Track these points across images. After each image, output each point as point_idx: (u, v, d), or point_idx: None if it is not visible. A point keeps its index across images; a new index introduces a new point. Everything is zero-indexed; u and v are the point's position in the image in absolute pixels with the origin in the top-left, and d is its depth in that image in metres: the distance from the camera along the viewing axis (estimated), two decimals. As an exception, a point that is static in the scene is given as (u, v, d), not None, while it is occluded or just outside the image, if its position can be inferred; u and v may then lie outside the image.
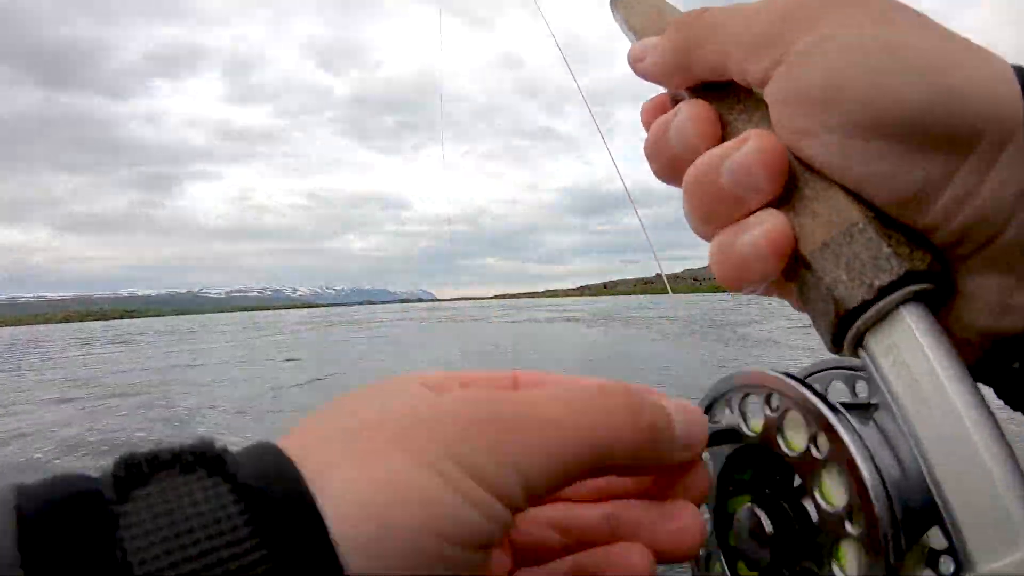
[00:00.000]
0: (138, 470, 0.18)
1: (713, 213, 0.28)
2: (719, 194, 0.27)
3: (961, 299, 0.25)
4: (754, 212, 0.27)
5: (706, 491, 0.29)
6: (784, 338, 15.58)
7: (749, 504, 0.30)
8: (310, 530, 0.18)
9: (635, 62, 0.32)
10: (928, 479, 0.23)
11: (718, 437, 0.30)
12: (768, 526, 0.28)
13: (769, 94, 0.27)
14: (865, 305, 0.24)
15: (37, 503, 0.17)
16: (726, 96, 0.30)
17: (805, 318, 0.29)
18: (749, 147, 0.26)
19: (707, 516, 0.32)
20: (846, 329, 0.25)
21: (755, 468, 0.32)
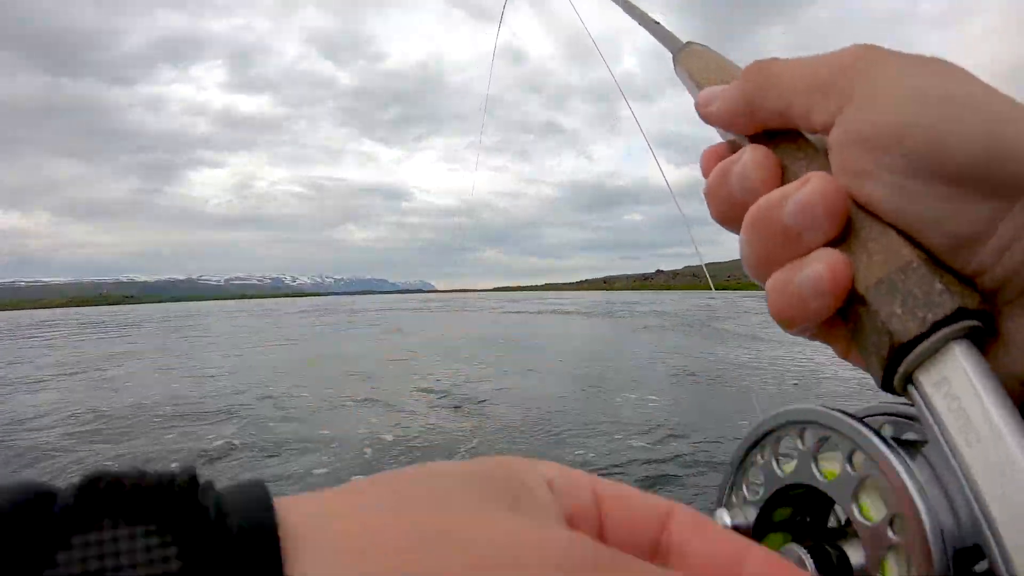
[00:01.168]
0: (89, 508, 0.16)
1: (772, 252, 0.29)
2: (780, 232, 0.28)
3: (1002, 343, 0.26)
4: (812, 252, 0.28)
5: None
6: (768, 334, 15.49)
7: (791, 545, 0.30)
8: None
9: (703, 107, 0.34)
10: (978, 510, 0.23)
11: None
12: (810, 566, 0.28)
13: (832, 137, 0.28)
14: (918, 339, 0.25)
15: None
16: (787, 143, 0.31)
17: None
18: (811, 186, 0.27)
19: None
20: (897, 364, 0.26)
21: (794, 506, 0.32)
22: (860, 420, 0.28)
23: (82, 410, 8.05)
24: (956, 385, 0.25)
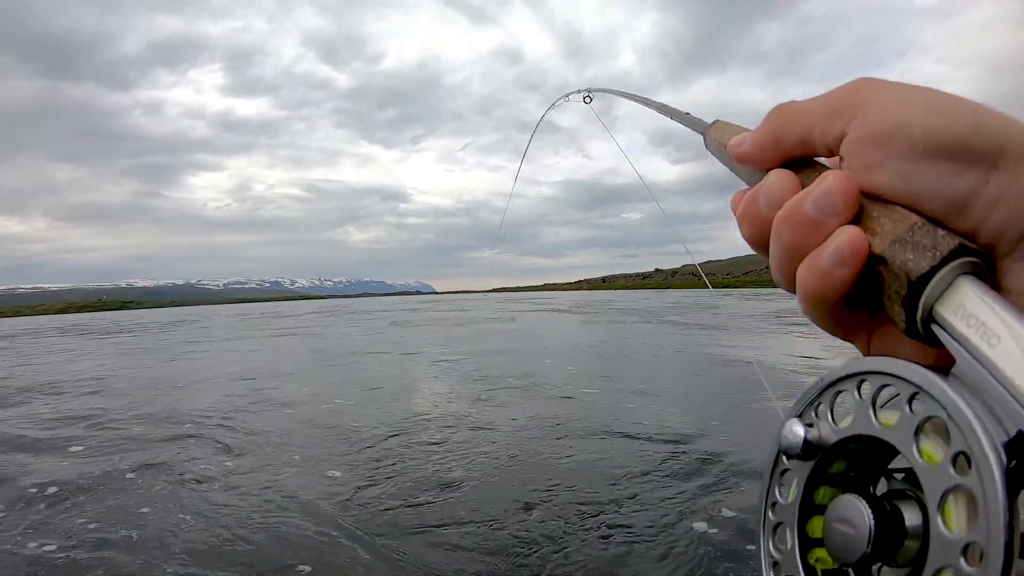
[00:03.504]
0: None
1: (799, 242, 0.34)
2: (804, 222, 0.33)
3: (1003, 295, 0.29)
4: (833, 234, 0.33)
5: None
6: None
7: (848, 495, 0.31)
8: None
9: (735, 147, 0.39)
10: (1015, 404, 0.25)
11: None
12: (868, 517, 0.29)
13: (844, 145, 0.33)
14: (931, 272, 0.29)
15: None
16: (804, 169, 0.36)
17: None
18: (828, 180, 0.33)
19: (792, 501, 0.35)
20: (916, 300, 0.30)
21: (848, 461, 0.34)
22: (923, 365, 0.29)
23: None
24: (971, 306, 0.28)
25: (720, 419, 6.43)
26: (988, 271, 0.30)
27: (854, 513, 0.30)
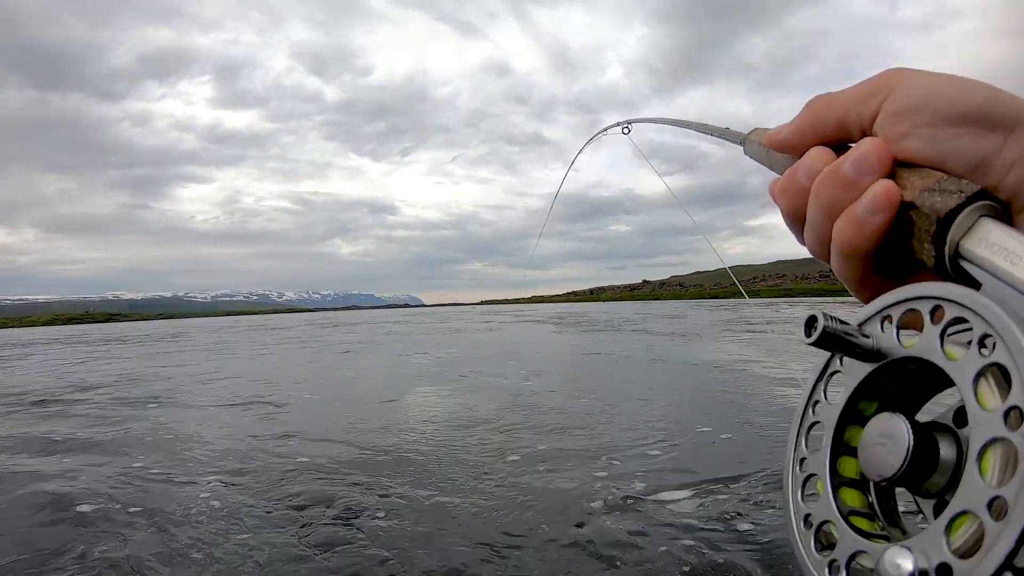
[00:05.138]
0: None
1: (836, 199, 0.36)
2: (842, 182, 0.36)
3: None
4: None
5: None
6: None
7: (890, 413, 0.31)
8: None
9: (775, 135, 0.42)
10: None
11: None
12: (909, 438, 0.29)
13: (878, 121, 0.36)
14: (956, 210, 0.31)
15: None
16: (840, 152, 0.38)
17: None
18: (865, 144, 0.36)
19: (837, 403, 0.35)
20: (944, 236, 0.32)
21: (899, 382, 0.34)
22: (1003, 307, 0.28)
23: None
24: (994, 238, 0.30)
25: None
26: (1008, 218, 0.32)
27: (896, 431, 0.30)
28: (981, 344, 0.28)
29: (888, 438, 0.30)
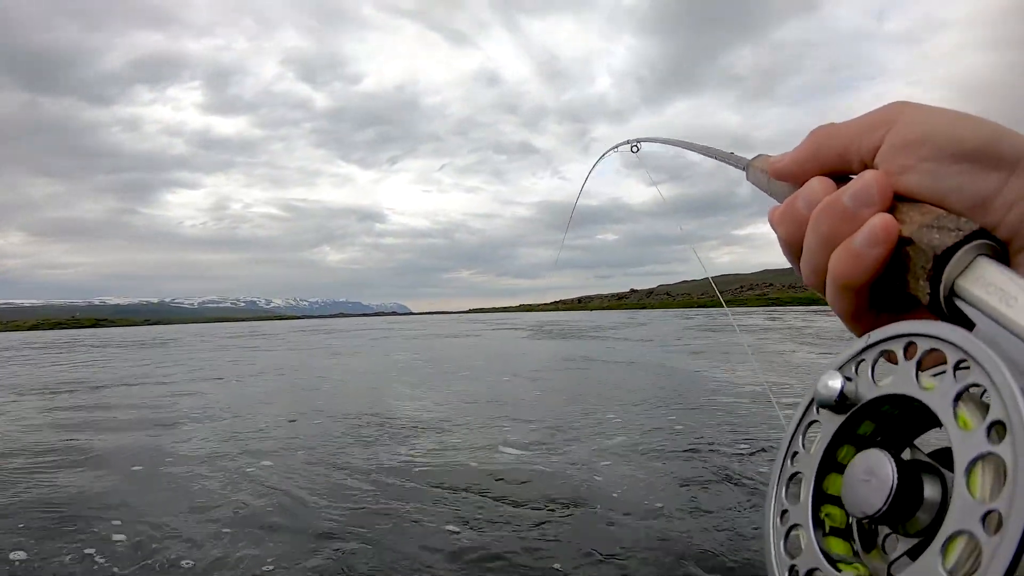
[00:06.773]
0: None
1: (834, 230, 0.35)
2: (841, 213, 0.35)
3: None
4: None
5: None
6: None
7: (874, 450, 0.31)
8: None
9: (775, 163, 0.42)
10: None
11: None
12: (893, 475, 0.29)
13: (880, 154, 0.36)
14: (953, 248, 0.31)
15: None
16: (841, 183, 0.37)
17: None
18: (865, 177, 0.35)
19: (814, 452, 0.35)
20: (940, 274, 0.31)
21: (878, 423, 0.34)
22: (970, 331, 0.29)
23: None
24: (990, 277, 0.30)
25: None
26: (1006, 258, 0.32)
27: (880, 468, 0.30)
28: (956, 370, 0.29)
29: (872, 475, 0.30)
